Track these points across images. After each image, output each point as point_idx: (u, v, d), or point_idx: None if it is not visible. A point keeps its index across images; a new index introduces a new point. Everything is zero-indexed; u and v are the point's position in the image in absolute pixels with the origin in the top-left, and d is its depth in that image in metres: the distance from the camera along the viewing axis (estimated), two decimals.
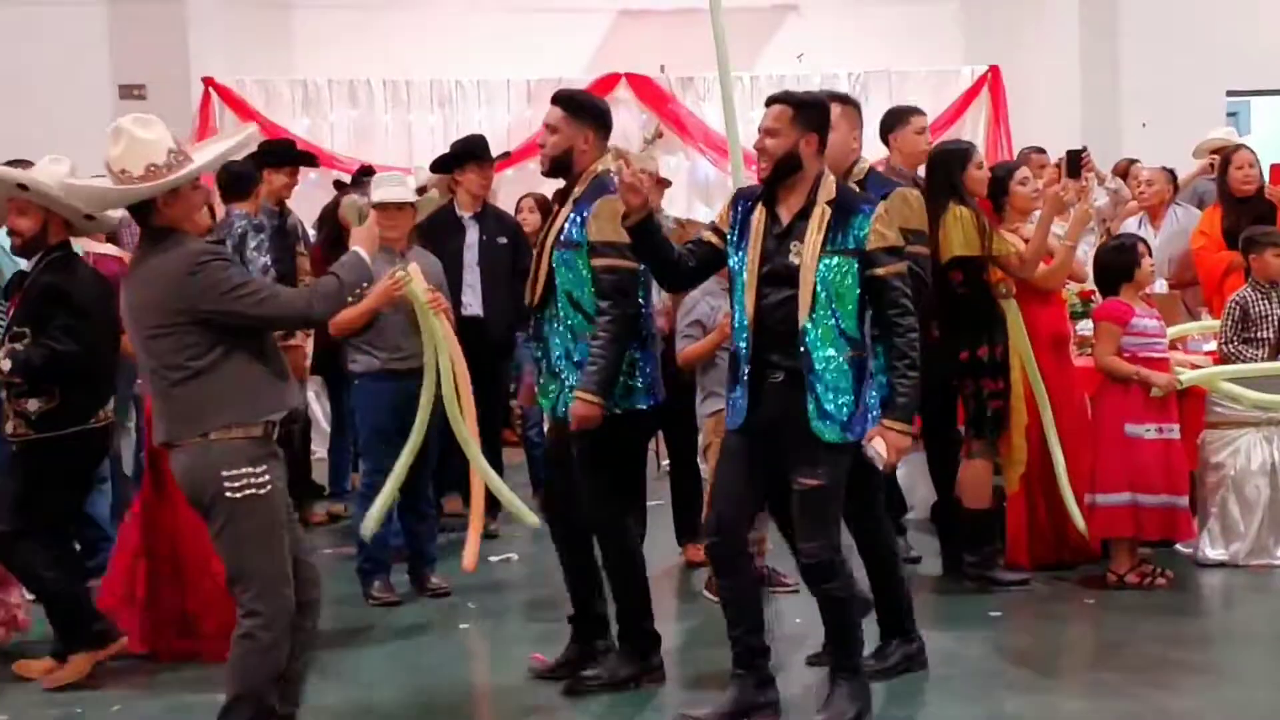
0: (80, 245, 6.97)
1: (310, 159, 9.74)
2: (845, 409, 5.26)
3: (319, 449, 10.50)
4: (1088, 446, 7.36)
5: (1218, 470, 7.70)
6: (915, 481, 8.56)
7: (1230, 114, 13.84)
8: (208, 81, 12.70)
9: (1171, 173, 9.82)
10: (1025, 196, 7.53)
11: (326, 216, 9.23)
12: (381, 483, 6.80)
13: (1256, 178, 8.97)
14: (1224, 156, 9.26)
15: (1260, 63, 13.66)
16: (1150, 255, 7.54)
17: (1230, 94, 13.95)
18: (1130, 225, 9.30)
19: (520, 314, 9.12)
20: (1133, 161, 11.30)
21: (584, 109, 5.91)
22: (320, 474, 9.98)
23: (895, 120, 7.87)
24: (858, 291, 5.28)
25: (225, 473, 4.79)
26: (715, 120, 13.11)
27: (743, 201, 5.50)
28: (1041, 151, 10.57)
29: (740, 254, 5.41)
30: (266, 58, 13.17)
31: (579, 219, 5.76)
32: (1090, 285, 8.15)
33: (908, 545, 7.86)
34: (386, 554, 7.51)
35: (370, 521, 6.73)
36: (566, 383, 5.82)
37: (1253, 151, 9.21)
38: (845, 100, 6.45)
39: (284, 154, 9.29)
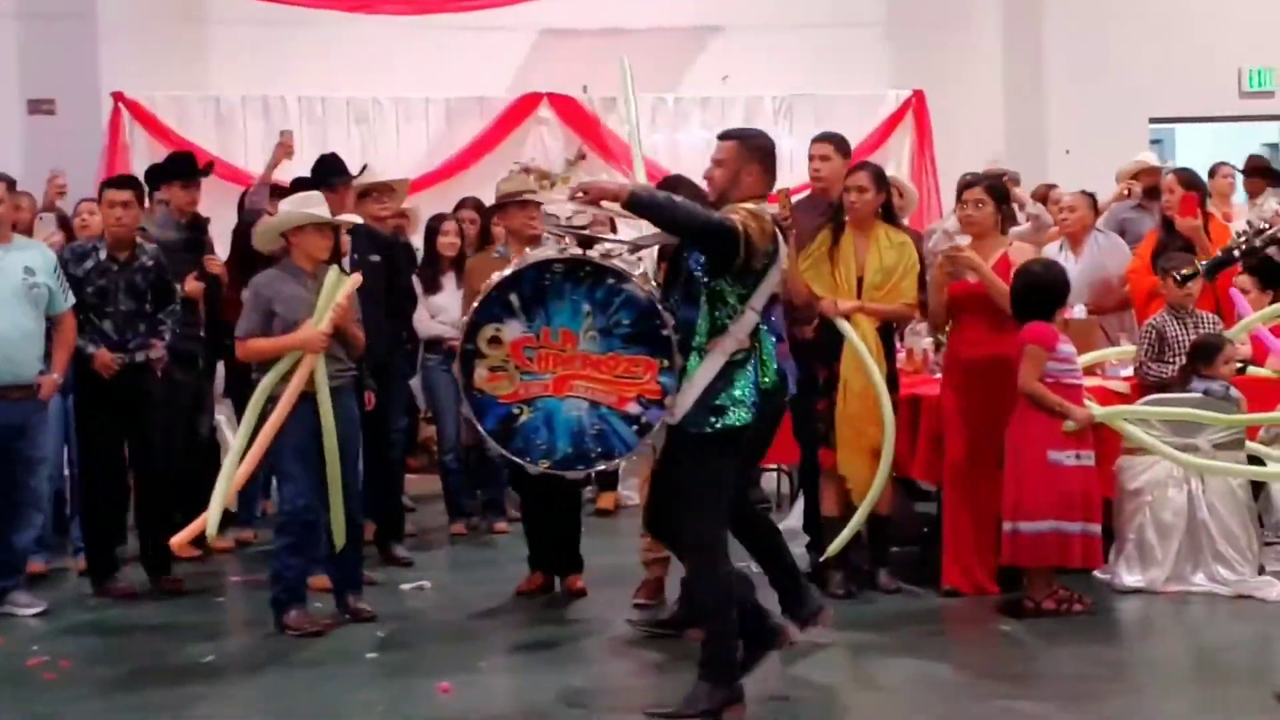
0: None
1: (206, 171, 9.55)
2: None
3: None
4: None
5: (1136, 497, 7.64)
6: None
7: (1154, 141, 13.90)
8: (118, 96, 12.46)
9: (1092, 197, 9.79)
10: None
11: (236, 236, 9.04)
12: (305, 506, 7.04)
13: (1175, 204, 8.95)
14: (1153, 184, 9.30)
15: (1183, 91, 13.73)
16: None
17: (1154, 121, 14.01)
18: (1051, 251, 9.24)
19: (399, 334, 9.02)
20: (1051, 186, 11.28)
21: None
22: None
23: None
24: None
25: None
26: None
27: None
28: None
29: None
30: (179, 73, 12.92)
31: None
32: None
33: None
34: (303, 585, 7.28)
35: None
36: None
37: (1189, 173, 9.23)
38: None
39: (181, 169, 9.12)
